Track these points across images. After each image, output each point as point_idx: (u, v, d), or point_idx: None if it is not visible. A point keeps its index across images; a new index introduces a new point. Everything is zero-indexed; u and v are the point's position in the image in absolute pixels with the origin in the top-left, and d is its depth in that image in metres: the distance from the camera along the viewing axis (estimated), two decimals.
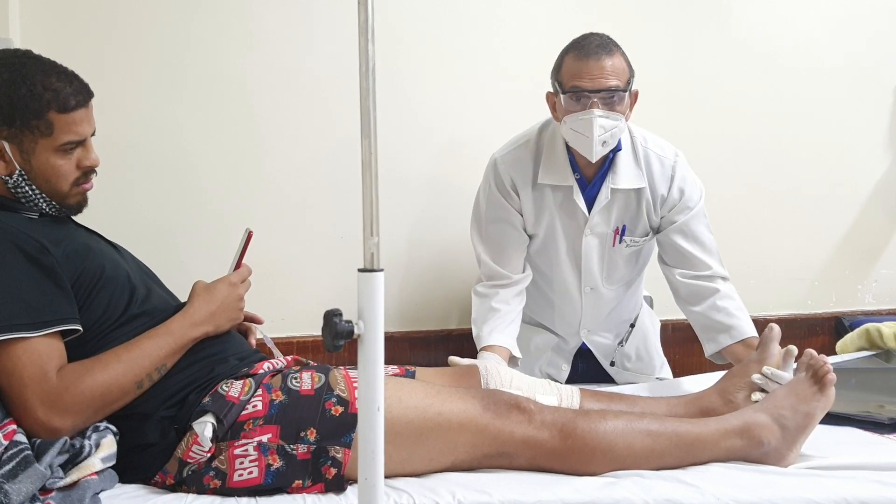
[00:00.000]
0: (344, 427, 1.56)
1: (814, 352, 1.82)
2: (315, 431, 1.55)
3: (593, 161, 2.14)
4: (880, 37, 3.07)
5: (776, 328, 1.96)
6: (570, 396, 1.87)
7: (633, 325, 2.48)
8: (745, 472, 1.62)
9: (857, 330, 2.64)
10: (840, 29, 3.04)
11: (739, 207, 2.93)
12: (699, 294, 2.21)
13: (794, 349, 1.89)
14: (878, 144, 3.11)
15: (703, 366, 2.60)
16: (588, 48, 2.06)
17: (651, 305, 2.63)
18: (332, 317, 1.10)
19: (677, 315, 2.41)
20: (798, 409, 1.70)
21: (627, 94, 2.07)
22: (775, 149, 3.02)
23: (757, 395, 1.85)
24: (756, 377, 1.88)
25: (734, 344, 2.12)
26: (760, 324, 2.12)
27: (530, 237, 2.30)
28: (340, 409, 1.57)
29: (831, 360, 2.45)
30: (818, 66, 3.03)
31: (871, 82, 3.08)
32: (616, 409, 1.82)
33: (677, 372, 2.56)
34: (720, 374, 2.06)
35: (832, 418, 1.92)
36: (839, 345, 2.68)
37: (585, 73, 2.05)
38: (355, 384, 1.60)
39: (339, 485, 1.54)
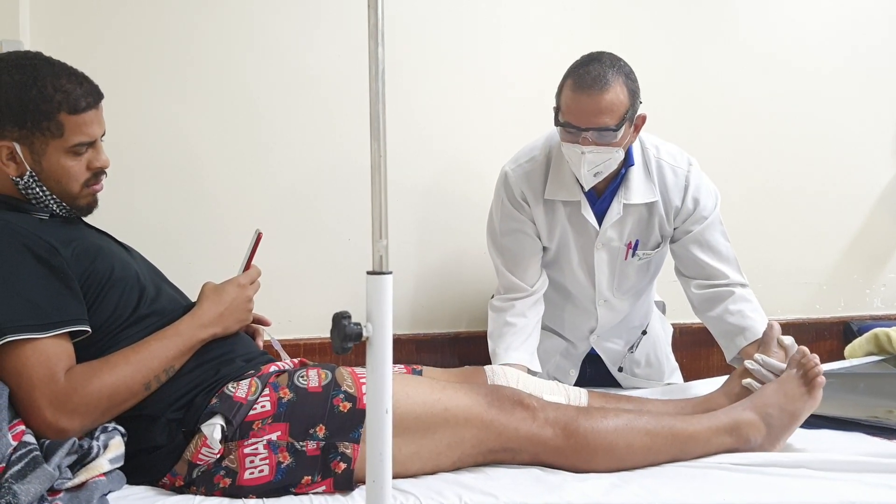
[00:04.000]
0: (352, 423, 1.57)
1: (806, 350, 1.85)
2: (324, 428, 1.56)
3: (586, 189, 2.13)
4: (888, 40, 3.06)
5: (776, 326, 1.99)
6: (577, 398, 1.87)
7: (644, 332, 2.47)
8: (751, 474, 1.62)
9: (865, 335, 2.63)
10: (847, 32, 3.03)
11: (746, 211, 2.92)
12: (713, 299, 2.18)
13: (786, 341, 1.93)
14: (886, 147, 3.10)
15: (712, 370, 2.60)
16: (584, 81, 1.97)
17: (663, 311, 2.62)
18: (340, 319, 1.10)
19: (686, 319, 2.41)
20: (785, 409, 1.77)
21: (622, 128, 1.99)
22: (782, 152, 3.01)
23: (753, 383, 1.90)
24: (748, 363, 1.93)
25: (750, 345, 2.08)
26: None
27: (544, 248, 2.28)
28: (348, 405, 1.58)
29: (840, 364, 2.47)
30: (825, 69, 3.02)
31: (879, 85, 3.07)
32: (618, 407, 1.86)
33: (686, 376, 2.55)
34: (727, 377, 2.06)
35: (840, 423, 1.92)
36: (848, 349, 2.67)
37: (576, 108, 1.98)
38: (362, 380, 1.61)
39: (348, 480, 1.55)
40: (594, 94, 1.95)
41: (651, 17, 2.87)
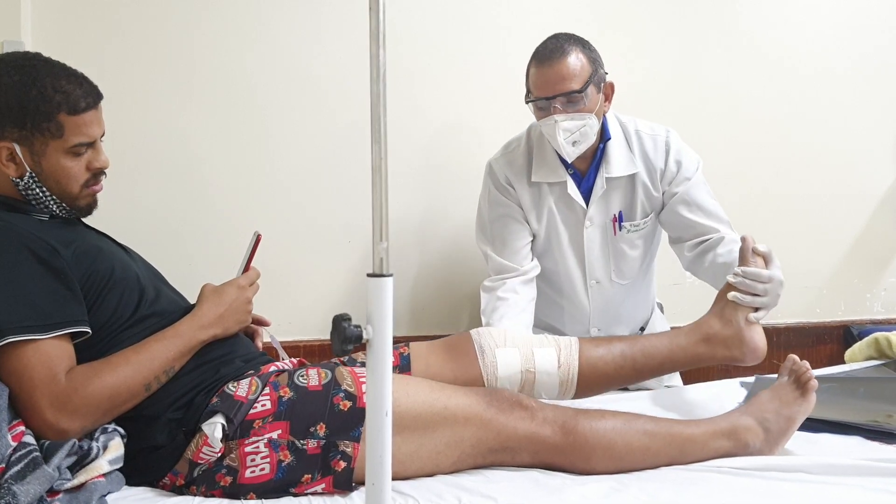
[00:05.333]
0: (352, 421, 1.57)
1: (796, 357, 1.86)
2: (324, 426, 1.56)
3: (570, 161, 2.18)
4: (889, 44, 3.06)
5: (748, 239, 1.99)
6: (568, 346, 1.88)
7: (642, 329, 2.48)
8: (750, 478, 1.62)
9: (865, 339, 2.62)
10: (850, 34, 3.03)
11: (747, 213, 2.90)
12: (705, 251, 2.21)
13: (761, 248, 1.95)
14: (888, 151, 3.10)
15: (711, 373, 2.60)
16: (543, 54, 2.12)
17: (661, 311, 2.62)
18: (340, 321, 1.10)
19: (685, 322, 2.40)
20: (781, 414, 1.77)
21: (587, 91, 2.09)
22: (784, 154, 3.02)
23: (752, 316, 1.92)
24: (730, 277, 1.95)
25: None
26: (769, 332, 2.11)
27: (534, 237, 2.31)
28: (348, 403, 1.58)
29: (840, 368, 2.46)
30: (827, 71, 3.03)
31: (881, 88, 3.07)
32: (617, 348, 1.90)
33: (685, 379, 2.54)
34: (727, 381, 2.05)
35: (839, 427, 1.92)
36: (848, 353, 2.66)
37: (541, 80, 2.11)
38: (362, 379, 1.62)
39: (347, 479, 1.55)
40: (554, 63, 2.08)
41: (656, 21, 2.88)
